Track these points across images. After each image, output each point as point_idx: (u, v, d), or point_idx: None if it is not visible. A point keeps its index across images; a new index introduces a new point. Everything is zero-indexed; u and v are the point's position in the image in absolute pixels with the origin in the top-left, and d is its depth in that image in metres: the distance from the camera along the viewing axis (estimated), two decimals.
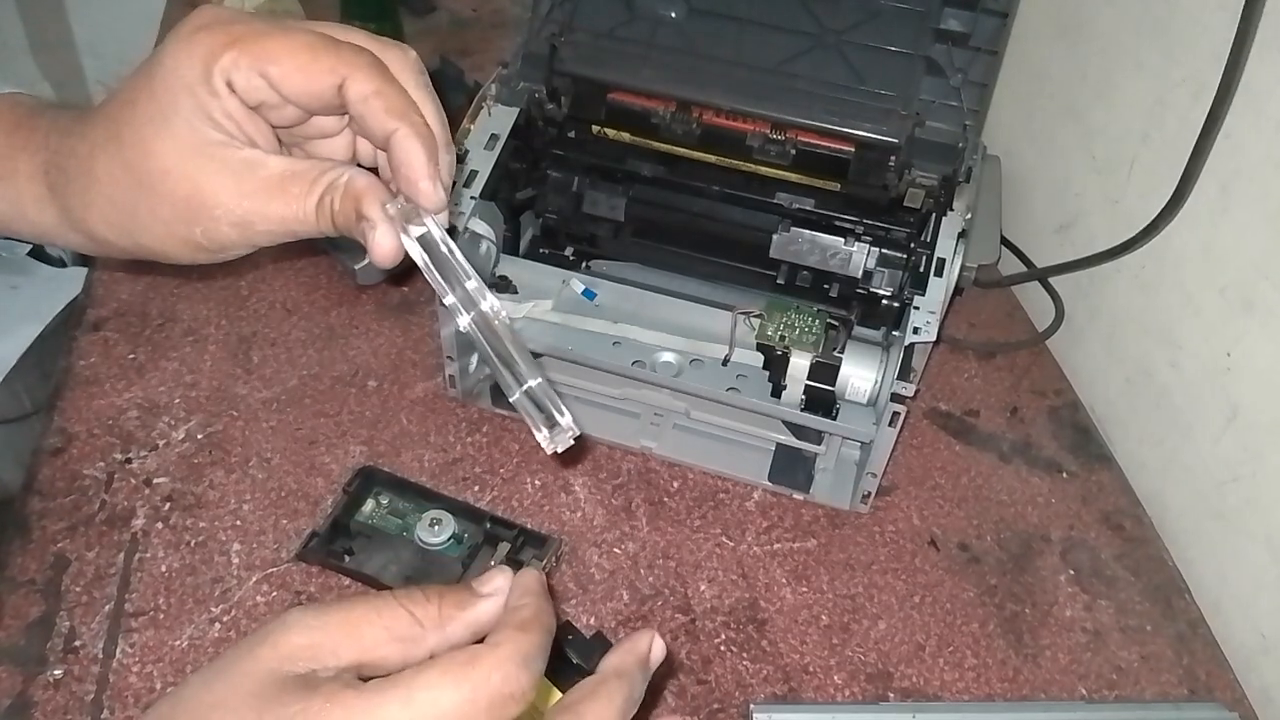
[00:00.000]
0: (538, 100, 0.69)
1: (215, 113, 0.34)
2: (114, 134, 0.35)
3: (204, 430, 0.68)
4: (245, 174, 0.34)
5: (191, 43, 0.33)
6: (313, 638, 0.28)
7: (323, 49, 0.33)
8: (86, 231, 0.37)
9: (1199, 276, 0.69)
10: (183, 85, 0.33)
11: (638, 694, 0.33)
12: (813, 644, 0.60)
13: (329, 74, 0.33)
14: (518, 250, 0.72)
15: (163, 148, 0.34)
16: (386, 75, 0.34)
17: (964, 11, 0.65)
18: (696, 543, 0.65)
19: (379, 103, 0.33)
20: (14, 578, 0.58)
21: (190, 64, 0.33)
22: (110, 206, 0.35)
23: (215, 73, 0.33)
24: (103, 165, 0.35)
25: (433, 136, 0.35)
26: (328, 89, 0.33)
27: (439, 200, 0.34)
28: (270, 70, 0.33)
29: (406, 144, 0.33)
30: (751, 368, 0.63)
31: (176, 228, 0.35)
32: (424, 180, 0.34)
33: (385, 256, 0.34)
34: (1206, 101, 0.62)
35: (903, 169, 0.65)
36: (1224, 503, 0.67)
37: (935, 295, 0.58)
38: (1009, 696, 0.59)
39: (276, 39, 0.33)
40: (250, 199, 0.34)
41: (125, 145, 0.34)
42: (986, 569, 0.66)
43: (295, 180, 0.34)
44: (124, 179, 0.34)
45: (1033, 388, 0.80)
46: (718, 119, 0.67)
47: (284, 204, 0.34)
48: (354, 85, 0.33)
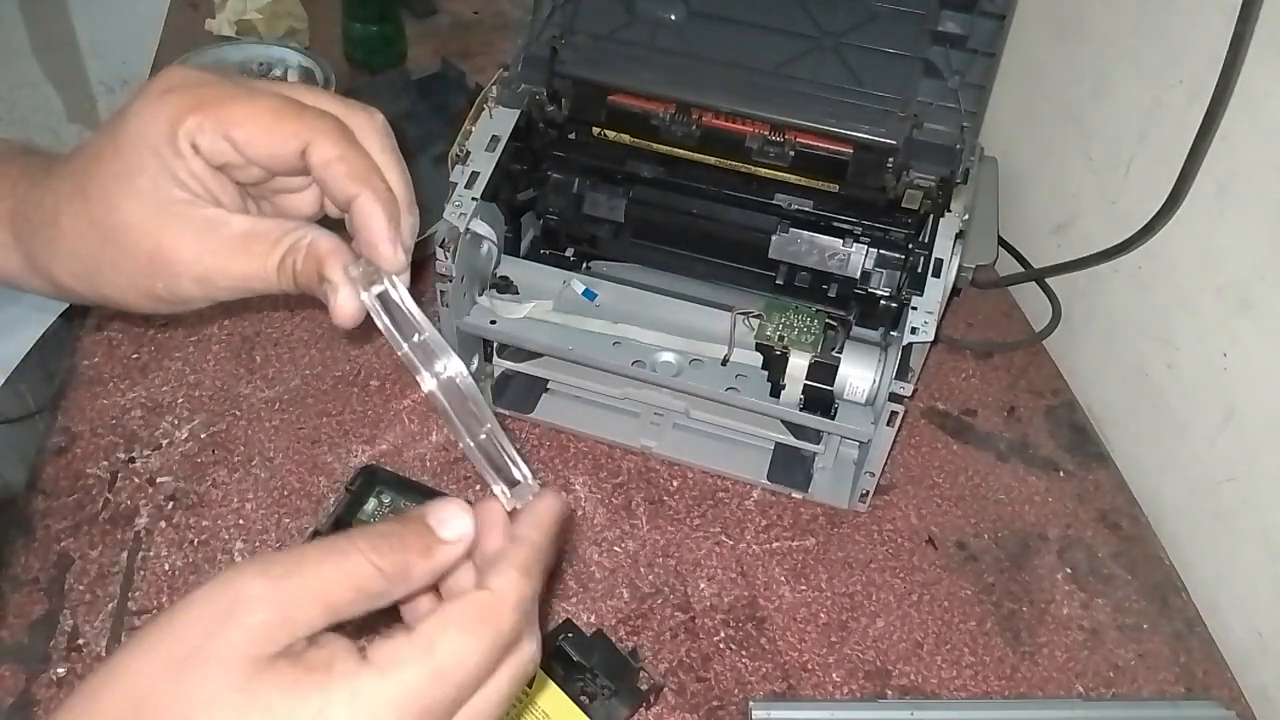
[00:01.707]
0: (538, 102, 0.69)
1: (180, 173, 0.34)
2: (80, 188, 0.35)
3: (207, 430, 0.68)
4: (208, 232, 0.34)
5: (158, 104, 0.33)
6: (283, 612, 0.27)
7: (287, 114, 0.33)
8: (50, 279, 0.37)
9: (1196, 277, 0.70)
10: (148, 146, 0.33)
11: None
12: (811, 642, 0.61)
13: (293, 139, 0.33)
14: (519, 251, 0.72)
15: (127, 205, 0.34)
16: (350, 140, 0.34)
17: (961, 14, 0.65)
18: (696, 541, 0.65)
19: (341, 168, 0.34)
20: (18, 576, 0.58)
21: (156, 125, 0.33)
22: (74, 258, 0.36)
23: (180, 135, 0.33)
24: (68, 218, 0.35)
25: (394, 200, 0.35)
26: (291, 154, 0.34)
27: (399, 262, 0.34)
28: (234, 134, 0.33)
29: (367, 209, 0.34)
30: (750, 367, 0.63)
31: (139, 281, 0.35)
32: (384, 244, 0.34)
33: (346, 318, 0.34)
34: (1203, 102, 0.62)
35: (901, 170, 0.66)
36: (1220, 502, 0.68)
37: (933, 295, 0.59)
38: (1006, 694, 0.60)
39: (241, 104, 0.33)
40: (212, 257, 0.34)
41: (91, 200, 0.35)
42: (984, 567, 0.66)
43: (258, 240, 0.34)
44: (88, 233, 0.35)
45: (1030, 387, 0.80)
46: (717, 121, 0.67)
47: (246, 262, 0.34)
48: (317, 150, 0.33)
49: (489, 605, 0.29)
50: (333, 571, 0.28)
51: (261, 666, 0.26)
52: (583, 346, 0.63)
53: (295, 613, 0.27)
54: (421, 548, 0.30)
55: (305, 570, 0.27)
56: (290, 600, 0.27)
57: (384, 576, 0.28)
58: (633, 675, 0.56)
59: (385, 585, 0.29)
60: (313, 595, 0.27)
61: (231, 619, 0.26)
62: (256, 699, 0.26)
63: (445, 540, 0.30)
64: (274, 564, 0.27)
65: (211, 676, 0.26)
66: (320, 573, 0.27)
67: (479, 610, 0.29)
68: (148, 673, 0.26)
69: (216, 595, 0.27)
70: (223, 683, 0.26)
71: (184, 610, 0.27)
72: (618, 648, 0.57)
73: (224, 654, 0.26)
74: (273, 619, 0.26)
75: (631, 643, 0.59)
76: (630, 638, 0.60)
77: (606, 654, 0.56)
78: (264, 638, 0.26)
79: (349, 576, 0.28)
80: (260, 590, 0.27)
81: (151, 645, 0.26)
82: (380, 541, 0.29)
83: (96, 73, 1.55)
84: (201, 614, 0.26)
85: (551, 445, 0.71)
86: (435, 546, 0.30)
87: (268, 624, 0.26)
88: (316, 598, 0.27)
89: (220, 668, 0.26)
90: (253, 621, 0.26)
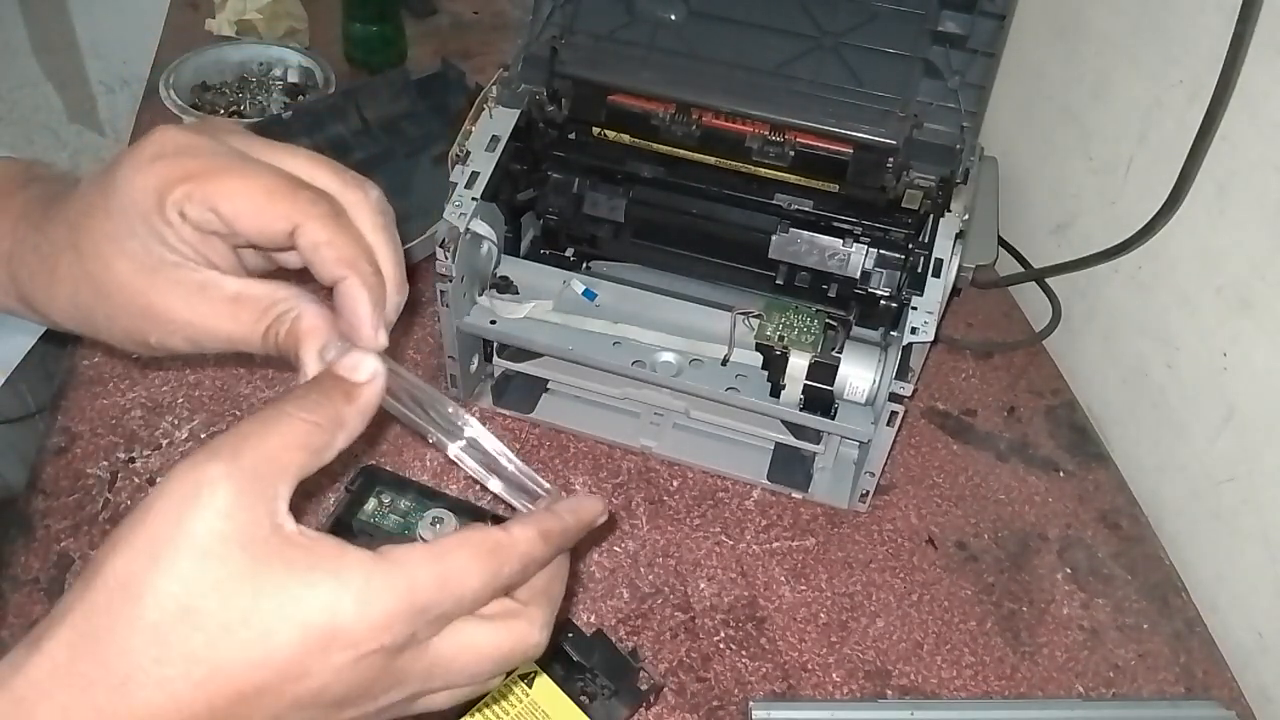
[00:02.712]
0: (538, 102, 0.69)
1: (169, 238, 0.34)
2: (74, 242, 0.35)
3: (207, 430, 0.68)
4: (197, 295, 0.34)
5: (147, 171, 0.33)
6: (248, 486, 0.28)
7: (279, 195, 0.33)
8: (48, 318, 0.38)
9: (1195, 277, 0.70)
10: (137, 211, 0.33)
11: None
12: (811, 642, 0.61)
13: (282, 220, 0.33)
14: (519, 251, 0.72)
15: (119, 264, 0.34)
16: (340, 223, 0.34)
17: (961, 14, 0.65)
18: (696, 541, 0.65)
19: (329, 252, 0.33)
20: (18, 576, 0.58)
21: (144, 192, 0.33)
22: (71, 305, 0.36)
23: (168, 204, 0.33)
24: (64, 268, 0.36)
25: (381, 284, 0.35)
26: (279, 233, 0.33)
27: (378, 345, 0.34)
28: (222, 208, 0.33)
29: (352, 294, 0.34)
30: (750, 367, 0.63)
31: (133, 332, 0.35)
32: (365, 328, 0.34)
33: None
34: (1203, 102, 0.62)
35: (901, 170, 0.66)
36: (1220, 502, 0.68)
37: (933, 295, 0.59)
38: (1006, 694, 0.60)
39: (233, 179, 0.33)
40: (201, 319, 0.35)
41: (84, 255, 0.35)
42: (984, 567, 0.66)
43: (246, 306, 0.35)
44: (84, 285, 0.35)
45: (1030, 387, 0.80)
46: (717, 121, 0.67)
47: (233, 327, 0.35)
48: (305, 234, 0.33)
49: (499, 544, 0.31)
50: (277, 439, 0.29)
51: (266, 550, 0.27)
52: (583, 346, 0.63)
53: (260, 485, 0.28)
54: (343, 394, 0.32)
55: (254, 443, 0.29)
56: (250, 473, 0.28)
57: (322, 428, 0.30)
58: (633, 675, 0.56)
59: (327, 436, 0.31)
60: (269, 464, 0.29)
61: (199, 502, 0.27)
62: (265, 580, 0.27)
63: (360, 381, 0.32)
64: (222, 446, 0.28)
65: (200, 561, 0.27)
66: (268, 442, 0.29)
67: (489, 544, 0.31)
68: (130, 568, 0.27)
69: (176, 485, 0.27)
70: (222, 567, 0.27)
71: (149, 506, 0.27)
72: (618, 648, 0.57)
73: (203, 539, 0.27)
74: (242, 496, 0.28)
75: (631, 643, 0.59)
76: (630, 638, 0.60)
77: (606, 654, 0.56)
78: (242, 516, 0.27)
79: (293, 437, 0.29)
80: (220, 471, 0.28)
81: (126, 541, 0.27)
82: (306, 399, 0.31)
83: (96, 73, 1.55)
84: (168, 505, 0.27)
85: (551, 445, 0.71)
86: (354, 390, 0.32)
87: (239, 502, 0.27)
88: (273, 465, 0.29)
89: (208, 553, 0.27)
90: (222, 502, 0.27)
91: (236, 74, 1.00)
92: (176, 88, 0.92)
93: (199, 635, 0.26)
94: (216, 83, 0.99)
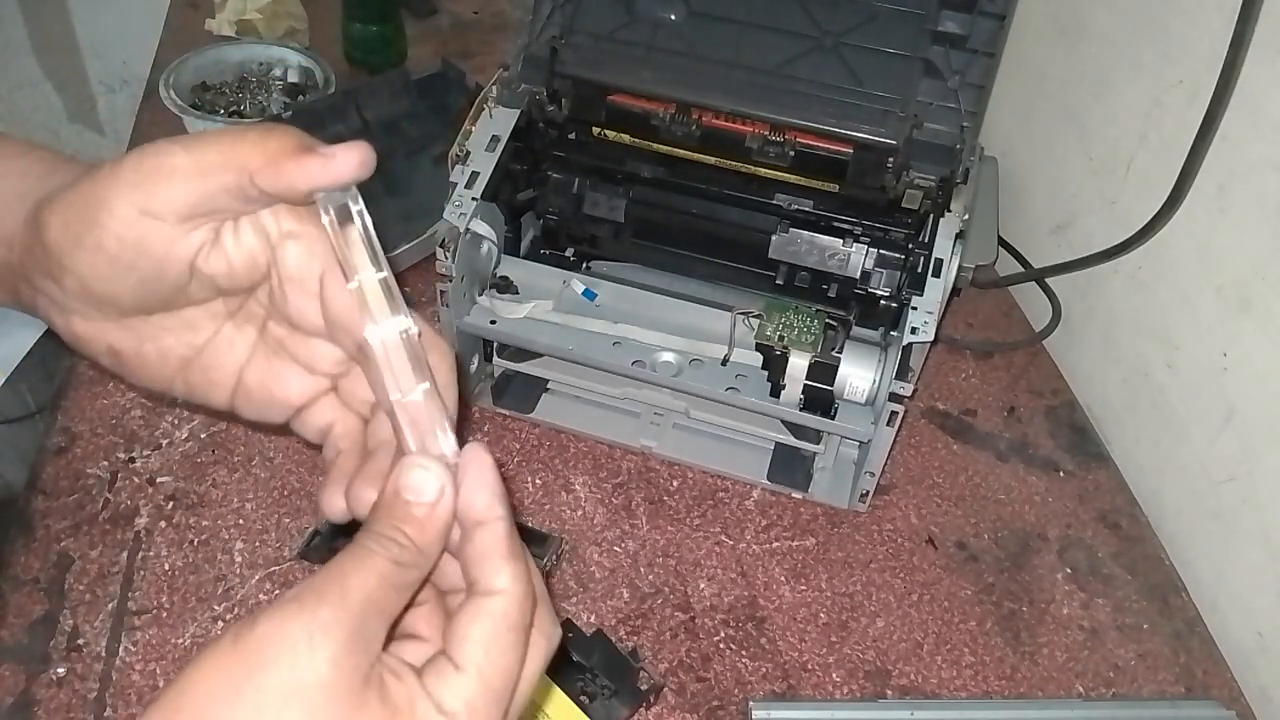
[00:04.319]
0: (538, 102, 0.69)
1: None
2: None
3: (207, 429, 0.68)
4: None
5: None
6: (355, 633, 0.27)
7: None
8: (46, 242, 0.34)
9: (1196, 277, 0.70)
10: None
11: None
12: (811, 642, 0.61)
13: None
14: (519, 251, 0.72)
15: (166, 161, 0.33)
16: None
17: (961, 14, 0.65)
18: (696, 541, 0.65)
19: None
20: (17, 576, 0.58)
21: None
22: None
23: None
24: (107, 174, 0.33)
25: None
26: None
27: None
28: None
29: None
30: (750, 367, 0.63)
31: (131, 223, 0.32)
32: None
33: None
34: (1203, 102, 0.62)
35: (901, 170, 0.66)
36: (1220, 502, 0.68)
37: (933, 295, 0.59)
38: (1006, 694, 0.60)
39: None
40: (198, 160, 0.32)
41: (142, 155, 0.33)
42: (984, 567, 0.66)
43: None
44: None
45: (1030, 387, 0.80)
46: (717, 121, 0.67)
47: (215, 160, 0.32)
48: None
49: (506, 612, 0.29)
50: (376, 580, 0.28)
51: (351, 701, 0.26)
52: (583, 346, 0.63)
53: (366, 628, 0.27)
54: (418, 526, 0.30)
55: (357, 588, 0.28)
56: (359, 618, 0.27)
57: (407, 567, 0.29)
58: (633, 675, 0.56)
59: (415, 573, 0.29)
60: (373, 608, 0.28)
61: (312, 647, 0.26)
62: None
63: (430, 502, 0.30)
64: (326, 590, 0.27)
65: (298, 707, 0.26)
66: (368, 584, 0.28)
67: (502, 621, 0.29)
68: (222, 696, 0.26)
69: (290, 626, 0.26)
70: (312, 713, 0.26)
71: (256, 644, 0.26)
72: (618, 648, 0.57)
73: (309, 686, 0.26)
74: (348, 642, 0.27)
75: (631, 643, 0.59)
76: (630, 638, 0.60)
77: (606, 654, 0.56)
78: (346, 665, 0.26)
79: (386, 581, 0.28)
80: (330, 616, 0.27)
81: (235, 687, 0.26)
82: (387, 540, 0.29)
83: (96, 73, 1.55)
84: (279, 646, 0.26)
85: (551, 445, 0.71)
86: (428, 517, 0.30)
87: (346, 649, 0.26)
88: (375, 609, 0.28)
89: (306, 699, 0.26)
90: (331, 651, 0.26)
91: (236, 74, 1.00)
92: (176, 88, 0.92)
93: None
94: (216, 83, 0.99)
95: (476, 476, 0.31)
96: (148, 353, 0.36)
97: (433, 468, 0.30)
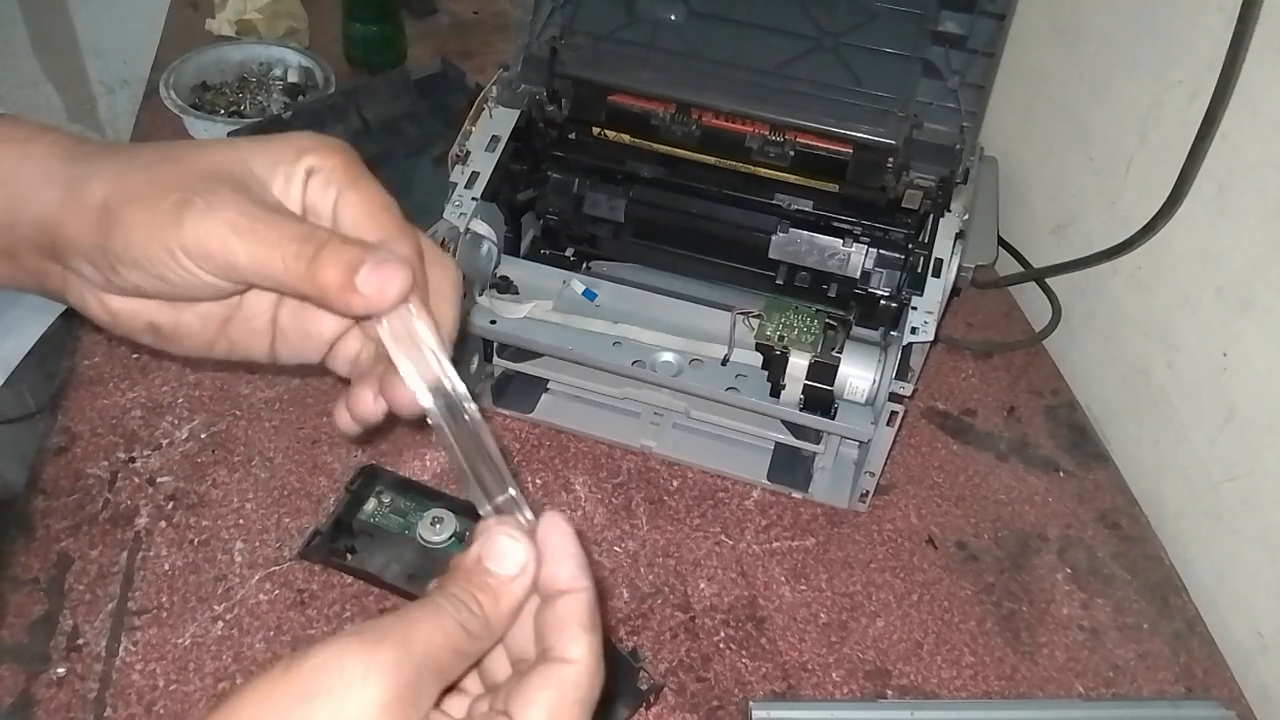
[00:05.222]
0: (538, 102, 0.69)
1: (276, 181, 0.34)
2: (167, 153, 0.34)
3: (207, 430, 0.68)
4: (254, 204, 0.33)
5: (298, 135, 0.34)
6: (404, 687, 0.26)
7: (392, 211, 0.34)
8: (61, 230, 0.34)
9: (1196, 277, 0.70)
10: (265, 150, 0.33)
11: None
12: (811, 642, 0.61)
13: (381, 230, 0.34)
14: (519, 251, 0.72)
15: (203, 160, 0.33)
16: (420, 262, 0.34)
17: (961, 14, 0.65)
18: (696, 541, 0.65)
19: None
20: (17, 576, 0.58)
21: (286, 142, 0.34)
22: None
23: (305, 158, 0.33)
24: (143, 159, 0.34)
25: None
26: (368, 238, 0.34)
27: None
28: (345, 196, 0.33)
29: None
30: (751, 367, 0.63)
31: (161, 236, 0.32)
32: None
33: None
34: (1203, 102, 0.62)
35: (900, 170, 0.66)
36: (1221, 503, 0.68)
37: (933, 295, 0.59)
38: (1006, 694, 0.60)
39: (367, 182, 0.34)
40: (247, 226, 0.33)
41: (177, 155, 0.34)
42: (984, 567, 0.66)
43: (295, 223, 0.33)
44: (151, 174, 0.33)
45: (1030, 387, 0.80)
46: (717, 121, 0.67)
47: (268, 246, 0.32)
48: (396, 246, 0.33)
49: (577, 683, 0.29)
50: (441, 639, 0.27)
51: None
52: (583, 346, 0.63)
53: (421, 683, 0.26)
54: (493, 596, 0.29)
55: (419, 640, 0.27)
56: (417, 668, 0.26)
57: (475, 637, 0.28)
58: (633, 675, 0.56)
59: (480, 644, 0.29)
60: (433, 661, 0.27)
61: (365, 683, 0.25)
62: None
63: (510, 577, 0.29)
64: (389, 633, 0.26)
65: None
66: (434, 641, 0.27)
67: (572, 691, 0.28)
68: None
69: (347, 659, 0.25)
70: None
71: (314, 669, 0.25)
72: (618, 648, 0.57)
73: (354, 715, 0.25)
74: (403, 689, 0.26)
75: (631, 643, 0.59)
76: (630, 638, 0.60)
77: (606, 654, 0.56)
78: (394, 710, 0.25)
79: (450, 642, 0.28)
80: (390, 657, 0.26)
81: (272, 697, 0.25)
82: (459, 604, 0.28)
83: (97, 72, 1.55)
84: (332, 677, 0.25)
85: (551, 445, 0.71)
86: (503, 588, 0.29)
87: (398, 696, 0.25)
88: (435, 664, 0.27)
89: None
90: (383, 694, 0.25)
91: (236, 74, 1.00)
92: (177, 87, 0.92)
93: None
94: (216, 82, 0.99)
95: (561, 546, 0.30)
96: (187, 321, 0.35)
97: (520, 540, 0.30)
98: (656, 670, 0.58)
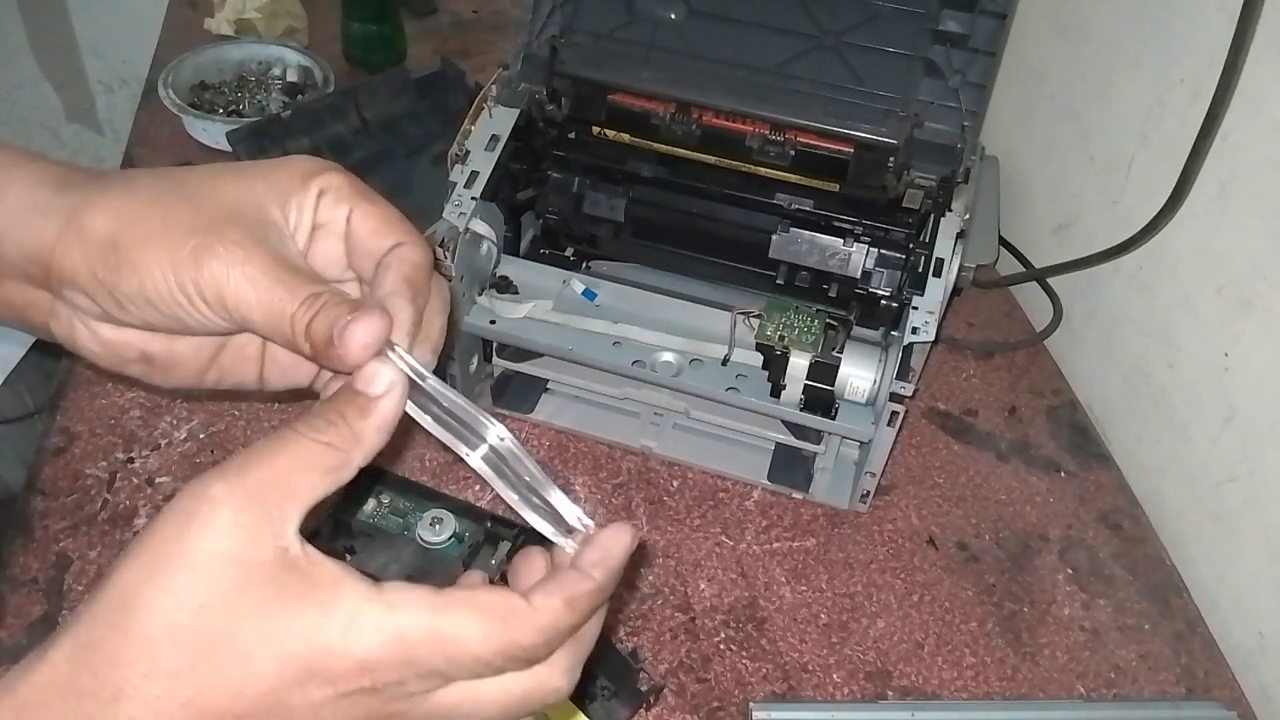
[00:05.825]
0: (538, 101, 0.69)
1: (289, 206, 0.34)
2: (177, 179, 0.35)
3: (206, 430, 0.68)
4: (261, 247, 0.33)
5: (305, 160, 0.35)
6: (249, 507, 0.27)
7: (401, 222, 0.35)
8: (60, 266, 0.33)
9: (1197, 277, 0.69)
10: (272, 178, 0.34)
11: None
12: (812, 642, 0.61)
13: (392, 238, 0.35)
14: (518, 250, 0.72)
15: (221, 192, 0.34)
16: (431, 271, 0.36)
17: (962, 13, 0.65)
18: (696, 542, 0.65)
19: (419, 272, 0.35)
20: (16, 577, 0.58)
21: (293, 167, 0.34)
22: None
23: (314, 182, 0.34)
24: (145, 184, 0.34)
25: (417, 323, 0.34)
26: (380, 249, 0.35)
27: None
28: (356, 211, 0.35)
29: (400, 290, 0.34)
30: (751, 368, 0.63)
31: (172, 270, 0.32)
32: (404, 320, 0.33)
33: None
34: (1205, 102, 0.62)
35: (901, 170, 0.66)
36: (1222, 503, 0.68)
37: (934, 295, 0.59)
38: (1007, 695, 0.60)
39: (373, 197, 0.35)
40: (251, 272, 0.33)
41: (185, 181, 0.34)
42: (985, 568, 0.66)
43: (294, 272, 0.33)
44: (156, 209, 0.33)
45: (1031, 387, 0.80)
46: (717, 120, 0.67)
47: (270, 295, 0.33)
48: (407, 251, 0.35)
49: (515, 614, 0.29)
50: (286, 459, 0.28)
51: (261, 573, 0.27)
52: (583, 346, 0.63)
53: (264, 506, 0.27)
54: (358, 409, 0.30)
55: (262, 463, 0.28)
56: (255, 493, 0.27)
57: (336, 449, 0.29)
58: (633, 676, 0.56)
59: (341, 456, 0.29)
60: (275, 485, 0.28)
61: (200, 519, 0.27)
62: (251, 603, 0.26)
63: (377, 395, 0.30)
64: (230, 466, 0.28)
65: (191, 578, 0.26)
66: (277, 462, 0.28)
67: (504, 612, 0.28)
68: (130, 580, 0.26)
69: (182, 502, 0.27)
70: (211, 586, 0.26)
71: (156, 522, 0.27)
72: (618, 648, 0.57)
73: (199, 556, 0.26)
74: (243, 516, 0.27)
75: (631, 643, 0.59)
76: (630, 638, 0.59)
77: (606, 655, 0.56)
78: (242, 536, 0.27)
79: (304, 458, 0.28)
80: (223, 490, 0.27)
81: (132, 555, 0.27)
82: (318, 420, 0.29)
83: (95, 72, 1.55)
84: (172, 521, 0.27)
85: (551, 445, 0.70)
86: (370, 404, 0.30)
87: (240, 521, 0.27)
88: (280, 487, 0.28)
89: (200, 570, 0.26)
90: (223, 521, 0.27)
91: (235, 73, 1.00)
92: (175, 87, 0.92)
93: (183, 654, 0.26)
94: (215, 82, 0.98)
95: (607, 543, 0.32)
96: (180, 350, 0.36)
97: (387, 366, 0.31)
98: (656, 671, 0.58)
